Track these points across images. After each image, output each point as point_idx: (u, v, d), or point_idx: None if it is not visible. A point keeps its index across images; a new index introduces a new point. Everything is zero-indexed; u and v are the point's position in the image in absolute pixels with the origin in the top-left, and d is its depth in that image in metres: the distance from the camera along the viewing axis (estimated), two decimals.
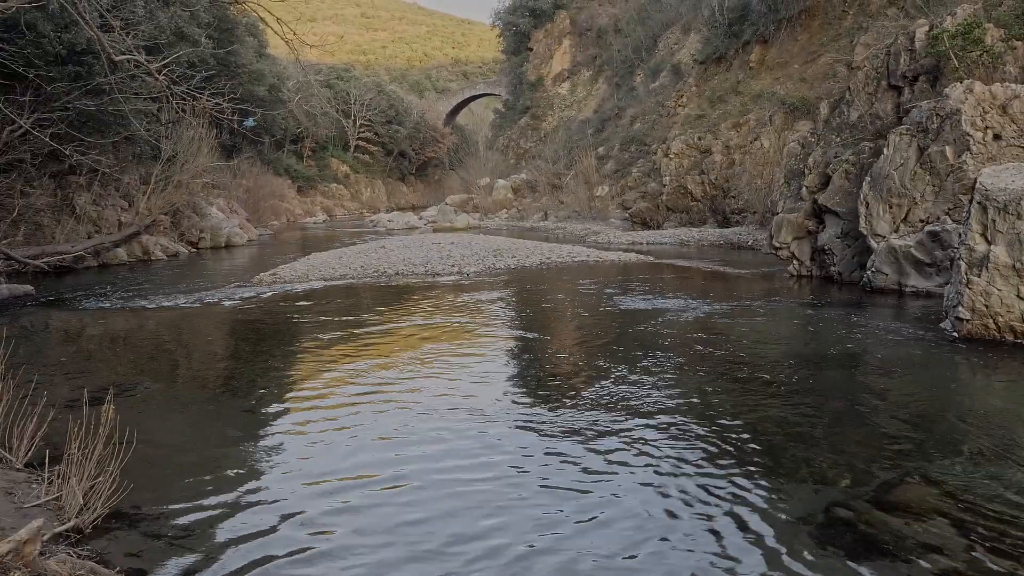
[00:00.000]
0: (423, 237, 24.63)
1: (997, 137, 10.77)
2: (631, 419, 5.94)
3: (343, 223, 40.98)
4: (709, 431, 5.63)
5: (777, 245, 14.33)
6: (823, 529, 4.08)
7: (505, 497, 4.59)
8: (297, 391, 7.14)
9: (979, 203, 8.37)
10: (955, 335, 8.42)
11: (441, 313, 11.10)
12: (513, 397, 6.76)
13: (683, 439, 5.48)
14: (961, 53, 12.38)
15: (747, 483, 4.68)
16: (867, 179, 12.09)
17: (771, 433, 5.57)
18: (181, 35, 21.22)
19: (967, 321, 8.32)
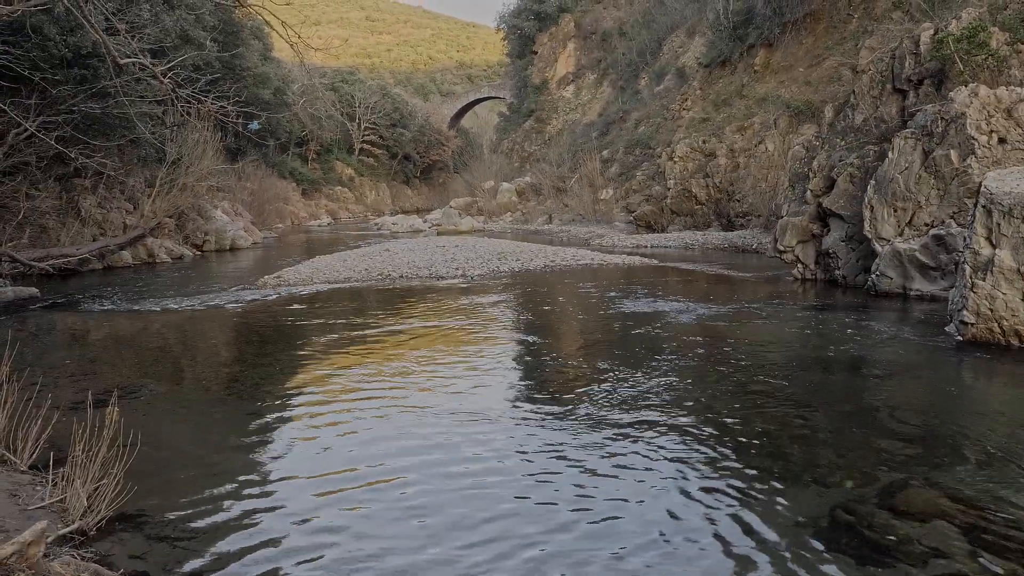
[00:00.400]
0: (427, 240, 24.65)
1: (1002, 141, 10.75)
2: (635, 422, 5.94)
3: (347, 226, 41.06)
4: (713, 434, 5.62)
5: (781, 249, 14.31)
6: (827, 532, 4.07)
7: (511, 500, 4.59)
8: (301, 394, 7.15)
9: (984, 207, 8.35)
10: (959, 339, 8.40)
11: (445, 316, 11.11)
12: (519, 400, 6.76)
13: (687, 442, 5.47)
14: (966, 57, 12.35)
15: (752, 486, 4.67)
16: (872, 183, 12.08)
17: (775, 436, 5.56)
18: (186, 38, 21.30)
19: (971, 325, 8.30)
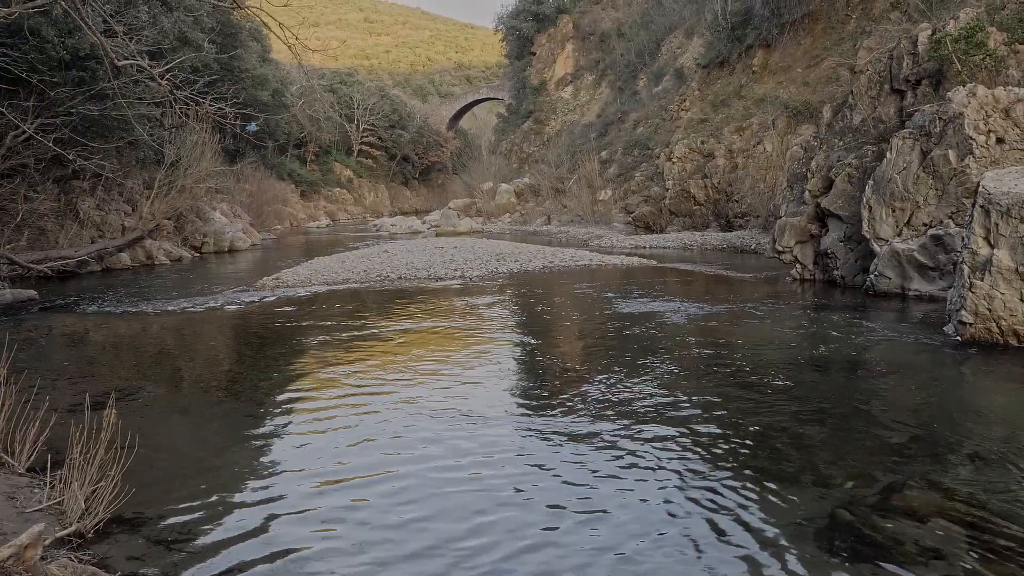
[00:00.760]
0: (426, 241, 24.66)
1: (1000, 141, 10.76)
2: (633, 422, 5.93)
3: (346, 227, 41.06)
4: (711, 434, 5.62)
5: (780, 249, 14.32)
6: (826, 532, 4.07)
7: (507, 498, 4.58)
8: (300, 395, 7.15)
9: (982, 207, 8.36)
10: (958, 339, 8.40)
11: (444, 317, 11.11)
12: (516, 399, 6.76)
13: (685, 442, 5.47)
14: (964, 57, 12.36)
15: (750, 486, 4.67)
16: (870, 183, 12.08)
17: (774, 436, 5.56)
18: (184, 40, 21.30)
19: (970, 325, 8.30)
